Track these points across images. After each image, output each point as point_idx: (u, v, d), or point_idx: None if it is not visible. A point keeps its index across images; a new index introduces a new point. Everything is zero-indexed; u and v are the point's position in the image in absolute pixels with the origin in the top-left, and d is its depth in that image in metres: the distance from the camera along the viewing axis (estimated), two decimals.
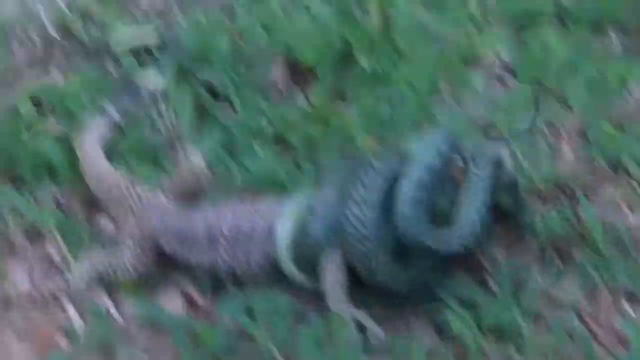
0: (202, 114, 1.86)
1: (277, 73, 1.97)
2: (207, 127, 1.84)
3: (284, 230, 1.53)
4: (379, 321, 1.53)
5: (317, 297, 1.54)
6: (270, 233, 1.53)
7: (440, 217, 1.52)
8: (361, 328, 1.51)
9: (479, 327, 1.51)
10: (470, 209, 1.51)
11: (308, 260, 1.53)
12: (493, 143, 1.60)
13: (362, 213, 1.47)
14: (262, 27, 2.04)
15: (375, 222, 1.47)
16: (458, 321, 1.50)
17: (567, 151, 1.80)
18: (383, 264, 1.49)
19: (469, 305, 1.53)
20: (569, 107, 1.88)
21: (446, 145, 1.52)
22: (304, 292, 1.56)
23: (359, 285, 1.52)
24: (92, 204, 1.75)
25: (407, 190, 1.47)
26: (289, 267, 1.54)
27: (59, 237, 1.68)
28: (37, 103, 1.92)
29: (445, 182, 1.53)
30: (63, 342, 1.56)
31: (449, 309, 1.51)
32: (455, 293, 1.54)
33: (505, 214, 1.62)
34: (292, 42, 1.98)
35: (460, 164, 1.57)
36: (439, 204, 1.53)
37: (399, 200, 1.47)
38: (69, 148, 1.79)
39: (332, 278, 1.51)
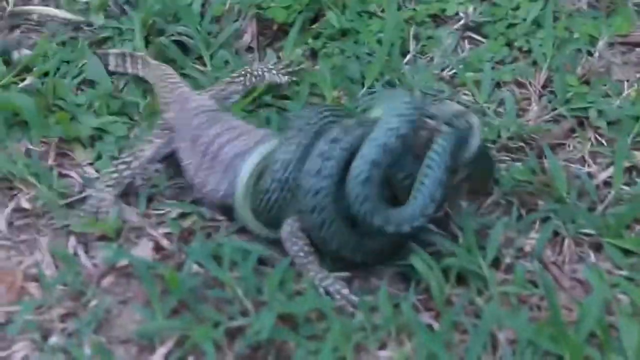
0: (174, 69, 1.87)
1: (248, 31, 1.99)
2: None
3: (245, 174, 1.55)
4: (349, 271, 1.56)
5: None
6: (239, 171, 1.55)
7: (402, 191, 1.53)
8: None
9: (444, 274, 1.52)
10: (425, 188, 1.49)
11: (266, 212, 1.54)
12: (462, 112, 1.56)
13: (317, 183, 1.48)
14: None
15: (329, 193, 1.48)
16: (424, 267, 1.51)
17: (534, 106, 1.82)
18: (338, 234, 1.50)
19: (434, 253, 1.55)
20: (536, 63, 1.90)
21: (408, 118, 1.49)
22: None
23: None
24: (63, 154, 1.76)
25: (358, 169, 1.47)
26: (245, 213, 1.55)
27: (33, 186, 1.69)
28: (5, 61, 1.93)
29: (406, 154, 1.51)
30: (34, 288, 1.56)
31: (415, 255, 1.52)
32: (421, 241, 1.55)
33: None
34: (262, 0, 2.00)
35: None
36: (399, 178, 1.52)
37: (350, 178, 1.47)
38: (39, 100, 1.79)
39: (294, 247, 1.53)
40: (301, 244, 1.53)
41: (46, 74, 1.90)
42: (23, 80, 1.89)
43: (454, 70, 1.91)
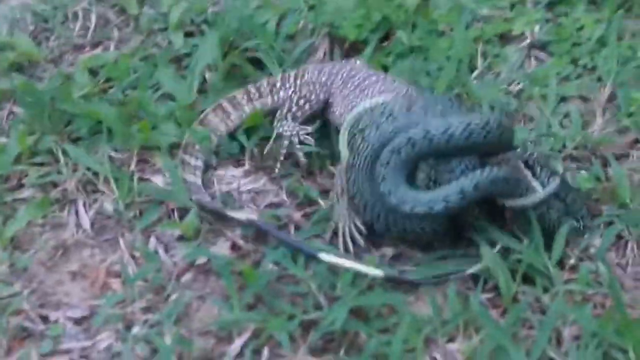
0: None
1: (321, 48, 2.06)
2: None
3: (351, 115, 1.70)
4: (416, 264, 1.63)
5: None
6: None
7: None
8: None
9: (512, 273, 1.57)
10: (460, 181, 1.55)
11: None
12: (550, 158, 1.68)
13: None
14: (307, 5, 2.13)
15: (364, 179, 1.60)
16: (493, 265, 1.56)
17: (598, 119, 1.87)
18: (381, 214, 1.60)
19: (502, 252, 1.60)
20: (600, 80, 1.95)
21: (442, 128, 1.57)
22: None
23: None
24: (143, 160, 1.85)
25: (384, 155, 1.57)
26: (343, 146, 1.67)
27: (114, 187, 1.76)
28: (93, 73, 2.03)
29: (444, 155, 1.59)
30: (116, 284, 1.64)
31: (484, 254, 1.57)
32: (488, 239, 1.60)
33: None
34: (335, 19, 2.07)
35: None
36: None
37: (378, 162, 1.57)
38: (122, 110, 1.88)
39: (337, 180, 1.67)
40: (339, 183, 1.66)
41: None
42: (105, 91, 1.98)
43: (520, 85, 1.96)
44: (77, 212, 1.76)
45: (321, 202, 1.73)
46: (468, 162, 1.58)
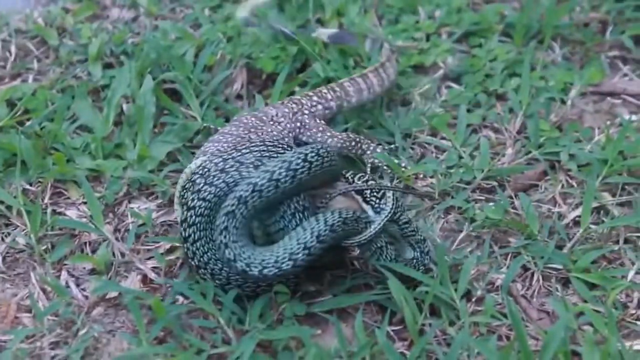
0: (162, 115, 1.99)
1: (239, 79, 2.08)
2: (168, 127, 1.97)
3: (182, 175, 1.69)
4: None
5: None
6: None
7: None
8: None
9: (419, 306, 1.59)
10: (301, 234, 1.55)
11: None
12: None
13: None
14: (225, 37, 2.15)
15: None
16: (399, 298, 1.57)
17: (509, 149, 1.90)
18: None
19: (409, 285, 1.61)
20: (511, 110, 1.99)
21: (291, 166, 1.56)
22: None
23: None
24: (57, 193, 1.85)
25: (226, 202, 1.55)
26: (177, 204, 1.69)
27: (26, 221, 1.76)
28: (11, 105, 2.03)
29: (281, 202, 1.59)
30: (27, 319, 1.64)
31: (391, 286, 1.59)
32: (396, 271, 1.62)
33: None
34: (252, 51, 2.09)
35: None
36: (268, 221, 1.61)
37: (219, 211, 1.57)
38: (37, 143, 1.88)
39: None
40: None
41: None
42: (23, 123, 1.98)
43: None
44: None
45: None
46: (296, 203, 1.60)
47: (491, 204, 1.79)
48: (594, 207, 1.77)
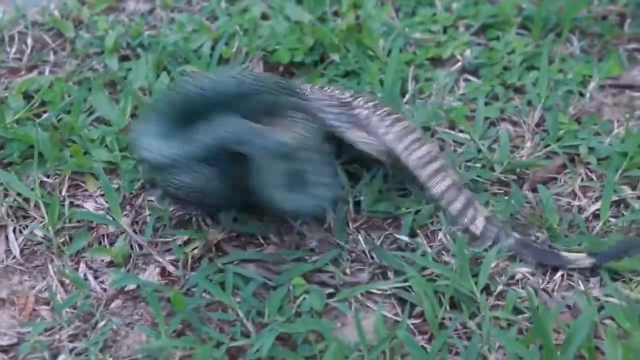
0: None
1: (256, 71, 2.07)
2: None
3: None
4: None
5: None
6: None
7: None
8: None
9: (439, 300, 1.58)
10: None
11: None
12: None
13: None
14: (242, 30, 2.15)
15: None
16: (419, 291, 1.57)
17: (527, 143, 1.90)
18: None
19: (429, 278, 1.62)
20: (530, 103, 1.98)
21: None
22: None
23: None
24: (75, 185, 1.85)
25: None
26: None
27: (44, 213, 1.76)
28: (28, 97, 2.03)
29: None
30: (45, 311, 1.63)
31: (411, 279, 1.59)
32: (416, 265, 1.61)
33: None
34: (269, 43, 2.09)
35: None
36: None
37: None
38: (54, 135, 1.87)
39: None
40: None
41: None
42: (39, 115, 1.97)
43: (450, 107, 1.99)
44: (7, 238, 1.75)
45: None
46: None
47: (509, 197, 1.77)
48: (613, 201, 1.76)
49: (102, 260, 1.71)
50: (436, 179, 1.72)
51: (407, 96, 2.02)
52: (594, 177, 1.84)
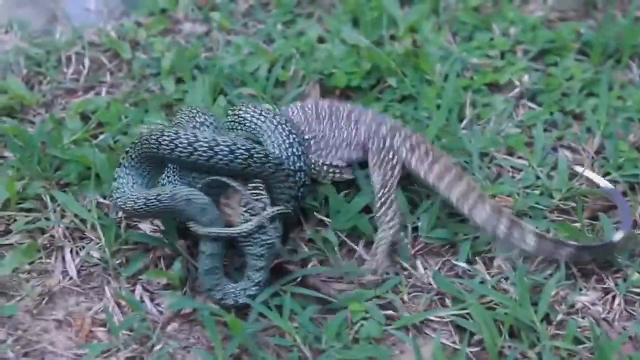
0: None
1: (312, 95, 2.07)
2: None
3: None
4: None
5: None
6: None
7: None
8: None
9: (497, 327, 1.57)
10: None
11: None
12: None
13: None
14: (298, 52, 2.14)
15: None
16: (478, 319, 1.56)
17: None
18: None
19: (487, 305, 1.60)
20: (590, 130, 1.96)
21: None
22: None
23: None
24: None
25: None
26: None
27: (100, 234, 1.76)
28: (84, 118, 2.03)
29: None
30: (101, 333, 1.64)
31: (471, 307, 1.58)
32: (474, 292, 1.60)
33: None
34: (326, 66, 2.08)
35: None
36: None
37: None
38: (111, 156, 1.87)
39: None
40: None
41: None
42: (96, 136, 1.98)
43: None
44: (63, 259, 1.76)
45: None
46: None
47: (567, 224, 1.76)
48: None
49: (159, 283, 1.71)
50: (476, 209, 1.71)
51: (464, 122, 2.00)
52: None
